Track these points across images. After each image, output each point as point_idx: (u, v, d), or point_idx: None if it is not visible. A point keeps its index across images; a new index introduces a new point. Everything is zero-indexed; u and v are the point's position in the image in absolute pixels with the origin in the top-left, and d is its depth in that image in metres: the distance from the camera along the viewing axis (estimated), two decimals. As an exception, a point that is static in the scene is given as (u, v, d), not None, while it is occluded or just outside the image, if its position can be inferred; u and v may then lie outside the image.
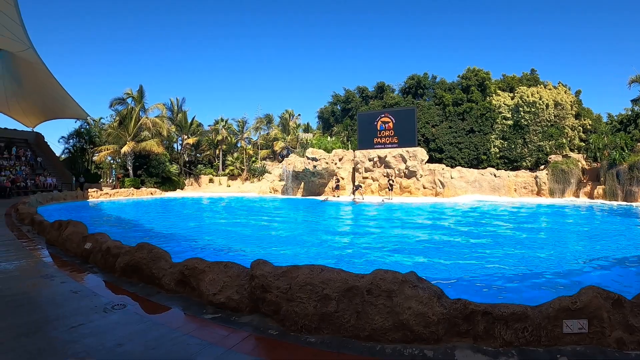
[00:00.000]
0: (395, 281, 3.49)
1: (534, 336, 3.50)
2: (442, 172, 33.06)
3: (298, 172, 33.19)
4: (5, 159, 30.93)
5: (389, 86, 40.48)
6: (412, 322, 3.37)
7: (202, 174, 40.89)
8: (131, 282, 4.92)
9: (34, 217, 11.30)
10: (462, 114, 37.34)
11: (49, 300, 4.46)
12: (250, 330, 3.53)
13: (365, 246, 11.13)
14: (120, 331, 3.47)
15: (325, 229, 14.80)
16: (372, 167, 33.75)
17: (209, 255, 4.63)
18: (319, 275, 3.60)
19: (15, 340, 3.30)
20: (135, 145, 35.93)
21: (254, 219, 17.48)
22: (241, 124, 45.49)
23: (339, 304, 3.49)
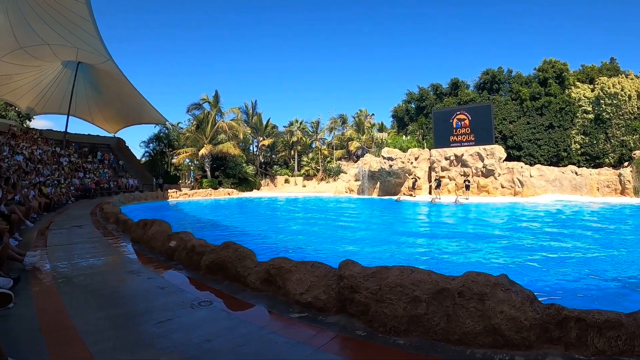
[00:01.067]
0: (488, 284, 3.35)
1: (628, 345, 3.25)
2: (520, 171, 32.08)
3: (374, 172, 33.85)
4: (90, 163, 34.06)
5: (463, 82, 40.57)
6: (503, 327, 3.21)
7: (277, 175, 42.79)
8: (216, 280, 5.03)
9: (119, 216, 11.70)
10: (540, 109, 36.69)
11: (138, 294, 4.54)
12: (337, 330, 3.50)
13: (441, 247, 10.91)
14: (207, 327, 3.52)
15: (401, 229, 14.60)
16: (449, 166, 33.43)
17: (287, 254, 5.22)
18: (409, 277, 3.54)
19: (111, 331, 3.38)
20: (213, 147, 38.16)
21: (330, 219, 17.60)
22: (315, 125, 47.36)
23: (429, 306, 3.40)
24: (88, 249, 7.93)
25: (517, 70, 39.09)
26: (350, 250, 9.82)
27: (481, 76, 38.81)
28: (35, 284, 5.05)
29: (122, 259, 7.00)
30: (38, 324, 3.57)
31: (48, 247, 8.05)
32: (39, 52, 29.54)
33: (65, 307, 4.08)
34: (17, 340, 3.15)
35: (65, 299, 4.35)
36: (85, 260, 6.69)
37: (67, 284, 4.98)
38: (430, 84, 41.14)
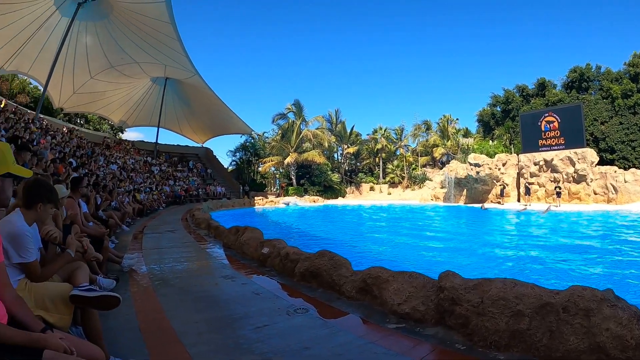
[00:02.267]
0: (594, 299, 3.14)
1: None
2: (614, 175, 30.56)
3: (460, 179, 34.46)
4: (179, 171, 37.28)
5: (550, 82, 40.60)
6: (608, 345, 2.98)
7: (362, 182, 45.15)
8: (309, 287, 5.17)
9: (210, 222, 12.37)
10: (632, 107, 35.51)
11: (234, 299, 4.72)
12: (435, 342, 3.47)
13: (531, 258, 10.63)
14: (305, 334, 3.55)
15: (489, 238, 14.62)
16: (538, 171, 32.78)
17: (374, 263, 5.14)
18: (512, 290, 3.41)
19: (209, 334, 3.52)
20: (298, 156, 40.39)
21: (416, 228, 17.86)
22: (399, 132, 49.55)
23: (532, 321, 3.23)
24: (182, 252, 8.42)
25: (607, 66, 38.31)
26: (437, 260, 9.97)
27: (569, 74, 38.98)
28: (133, 285, 5.42)
29: (215, 263, 7.41)
30: (137, 324, 3.78)
31: (143, 250, 8.60)
32: (129, 70, 32.83)
33: (163, 308, 4.32)
34: (117, 339, 3.32)
35: (162, 300, 4.64)
36: (179, 263, 7.15)
37: (163, 286, 5.33)
38: (516, 85, 41.89)
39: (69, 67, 29.48)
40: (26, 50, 26.30)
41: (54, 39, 25.89)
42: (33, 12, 23.81)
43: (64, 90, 32.00)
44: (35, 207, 2.77)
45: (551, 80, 39.09)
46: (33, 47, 26.34)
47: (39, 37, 25.90)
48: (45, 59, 26.65)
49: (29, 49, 26.26)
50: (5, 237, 2.43)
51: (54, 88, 30.12)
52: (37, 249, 2.82)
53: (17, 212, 2.76)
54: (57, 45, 24.97)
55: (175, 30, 25.58)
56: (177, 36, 26.34)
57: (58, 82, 29.92)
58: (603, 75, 36.25)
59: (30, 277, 2.72)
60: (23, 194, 2.81)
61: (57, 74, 27.15)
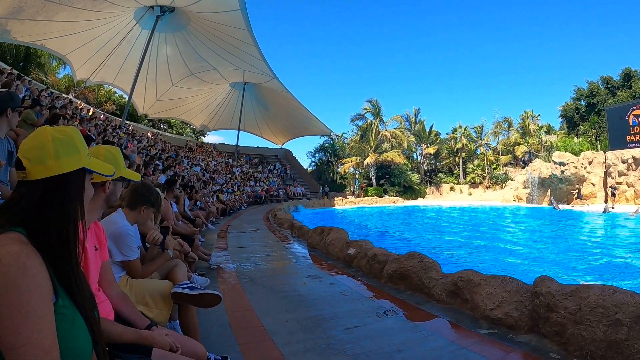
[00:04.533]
0: None
1: None
2: None
3: (544, 179, 34.52)
4: (260, 172, 40.13)
5: (636, 72, 40.03)
6: None
7: (442, 183, 47.51)
8: (397, 289, 5.35)
9: (293, 222, 13.02)
10: None
11: (322, 299, 4.92)
12: (528, 350, 3.43)
13: (619, 264, 10.43)
14: (396, 337, 3.66)
15: (573, 243, 14.42)
16: (626, 170, 31.55)
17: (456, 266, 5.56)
18: (611, 297, 3.26)
19: (300, 333, 3.69)
20: (377, 156, 42.21)
21: (499, 230, 18.11)
22: (479, 130, 51.95)
23: (630, 331, 3.07)
24: (267, 251, 8.93)
25: None
26: (519, 264, 10.11)
27: None
28: (222, 282, 5.75)
29: (301, 263, 7.70)
30: (228, 320, 4.02)
31: (228, 248, 9.07)
32: (208, 77, 35.70)
33: (252, 306, 4.60)
34: (209, 336, 3.51)
35: (251, 298, 4.94)
36: (265, 262, 7.61)
37: (251, 284, 5.67)
38: (600, 77, 42.55)
39: (152, 76, 33.34)
40: (110, 62, 29.69)
41: (136, 51, 29.26)
42: (115, 27, 26.62)
43: (148, 97, 36.11)
44: (139, 208, 3.01)
45: (638, 69, 40.72)
46: (116, 59, 29.71)
47: (122, 50, 29.19)
48: (128, 69, 30.34)
49: (112, 60, 29.62)
50: (109, 236, 2.58)
51: (138, 96, 34.11)
52: (137, 248, 3.06)
53: (119, 212, 2.97)
54: (139, 56, 28.49)
55: (252, 35, 27.70)
56: (254, 41, 28.51)
57: (142, 91, 33.86)
58: None
59: (132, 274, 2.95)
60: (129, 196, 3.04)
61: (140, 82, 30.97)
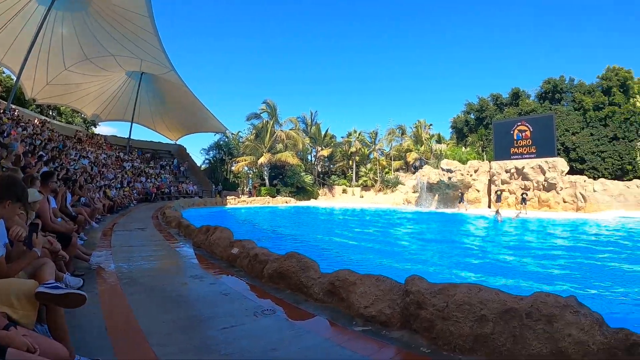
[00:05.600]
0: (557, 305, 3.30)
1: None
2: (583, 185, 33.16)
3: (432, 184, 36.84)
4: (152, 168, 39.28)
5: (523, 92, 45.07)
6: (570, 351, 3.11)
7: (335, 185, 49.19)
8: (277, 289, 5.56)
9: (181, 221, 13.01)
10: (604, 119, 39.68)
11: (202, 299, 5.03)
12: (400, 345, 3.62)
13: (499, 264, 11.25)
14: (272, 336, 3.79)
15: (456, 243, 15.37)
16: (509, 179, 35.42)
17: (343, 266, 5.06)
18: (477, 295, 3.54)
19: (177, 334, 3.75)
20: (271, 156, 42.90)
21: (387, 232, 18.82)
22: (373, 136, 54.85)
23: (496, 326, 3.35)
24: (151, 251, 8.98)
25: (580, 79, 43.38)
26: (406, 264, 10.47)
27: (542, 85, 44.01)
28: (101, 283, 5.70)
29: (185, 263, 7.93)
30: (104, 323, 4.01)
31: (112, 247, 9.09)
32: (104, 63, 35.09)
33: (130, 307, 4.60)
34: (84, 338, 3.50)
35: (130, 299, 4.94)
36: (148, 262, 7.65)
37: (131, 285, 5.67)
38: (490, 94, 47.03)
39: (44, 57, 32.00)
40: (0, 38, 28.02)
41: (30, 28, 27.81)
42: (9, 0, 26.38)
43: (38, 80, 34.86)
44: (4, 203, 2.83)
45: (525, 90, 48.59)
46: (8, 35, 28.20)
47: (15, 25, 27.69)
48: (19, 48, 28.87)
49: (3, 36, 28.01)
50: None
51: (27, 78, 32.95)
52: (2, 245, 2.92)
53: None
54: (33, 35, 27.07)
55: (153, 24, 27.89)
56: (154, 30, 28.69)
57: (32, 72, 32.56)
58: (576, 88, 42.97)
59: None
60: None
61: (31, 63, 29.75)
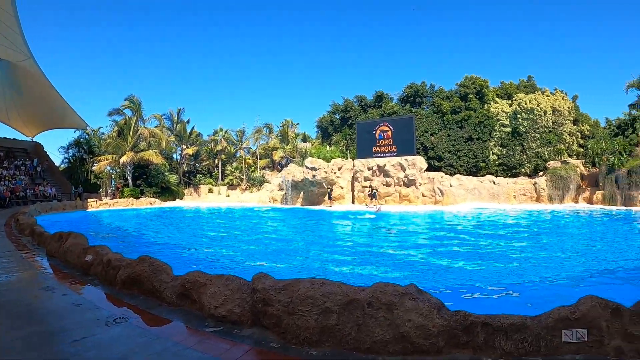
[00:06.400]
0: (396, 294, 3.49)
1: (534, 346, 3.50)
2: (441, 180, 36.19)
3: (297, 182, 38.22)
4: (5, 169, 36.60)
5: (387, 95, 47.75)
6: (412, 335, 3.33)
7: (201, 184, 48.71)
8: (132, 295, 5.57)
9: (34, 228, 12.43)
10: (460, 122, 43.11)
11: (52, 312, 4.93)
12: (251, 343, 3.72)
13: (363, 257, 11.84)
14: (123, 345, 3.80)
15: (323, 239, 16.17)
16: (371, 176, 37.17)
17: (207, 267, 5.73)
18: (319, 289, 3.64)
19: (26, 351, 3.67)
20: (134, 155, 41.46)
21: (253, 230, 19.41)
22: (240, 134, 55.70)
23: (340, 317, 3.49)
24: (0, 263, 8.56)
25: (440, 85, 47.37)
26: (270, 263, 10.86)
27: (405, 90, 47.39)
28: None
29: (37, 274, 7.56)
30: None
31: None
32: None
33: None
34: None
35: None
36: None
37: None
38: (355, 96, 49.85)
39: None
40: None
41: None
42: None
43: None
44: None
45: (389, 93, 52.35)
46: None
47: None
48: None
49: None
50: None
51: None
52: None
53: None
54: None
55: (14, 3, 25.13)
56: (14, 10, 25.70)
57: None
58: (436, 93, 47.05)
59: None
60: None
61: None
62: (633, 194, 32.22)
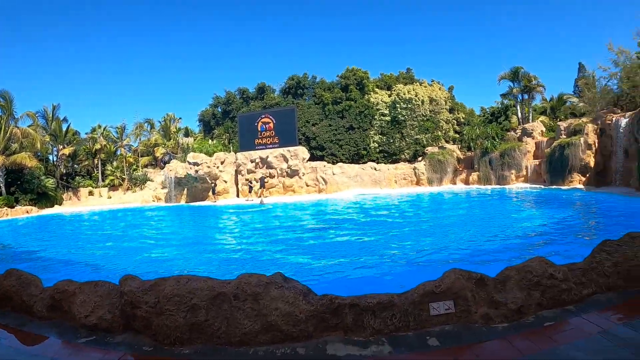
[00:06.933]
0: (260, 284, 3.58)
1: (403, 322, 3.69)
2: (323, 169, 38.29)
3: (180, 179, 38.65)
4: None
5: (269, 87, 49.55)
6: (280, 322, 3.40)
7: (81, 187, 46.50)
8: (3, 313, 5.20)
9: None
10: (341, 112, 45.40)
11: None
12: (124, 349, 3.66)
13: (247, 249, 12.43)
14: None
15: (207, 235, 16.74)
16: (255, 168, 38.54)
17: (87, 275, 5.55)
18: (185, 286, 3.64)
19: None
20: (5, 159, 38.61)
21: (136, 231, 19.31)
22: (120, 131, 53.21)
23: (209, 312, 3.51)
24: None
25: (322, 77, 49.70)
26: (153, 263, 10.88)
27: (287, 81, 49.07)
28: None
29: None
30: None
31: None
32: None
33: None
34: None
35: None
36: None
37: None
38: (238, 88, 51.06)
39: None
40: None
41: None
42: None
43: None
44: None
45: (271, 85, 52.17)
46: None
47: None
48: None
49: None
50: None
51: None
52: None
53: None
54: None
55: None
56: None
57: None
58: (317, 84, 50.48)
59: None
60: None
61: None
62: (506, 174, 38.23)
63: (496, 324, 3.83)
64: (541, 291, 4.32)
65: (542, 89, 44.60)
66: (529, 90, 43.74)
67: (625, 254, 4.92)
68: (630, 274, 4.84)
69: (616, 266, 4.87)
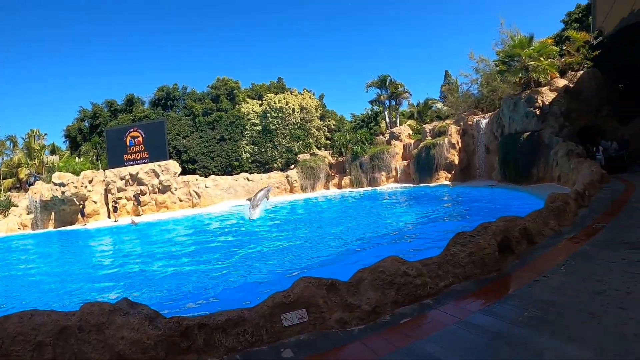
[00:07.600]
0: (103, 313, 3.44)
1: (256, 337, 3.71)
2: (196, 183, 39.43)
3: (46, 202, 36.95)
4: None
5: (138, 98, 49.08)
6: (128, 352, 3.29)
7: None
8: None
9: None
10: (212, 123, 47.02)
11: None
12: None
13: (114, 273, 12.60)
14: None
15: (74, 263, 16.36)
16: (125, 186, 38.04)
17: None
18: (29, 322, 3.41)
19: None
20: None
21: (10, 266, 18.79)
22: None
23: (56, 349, 3.32)
24: None
25: (192, 88, 50.50)
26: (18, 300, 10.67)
27: (156, 92, 49.15)
28: None
29: None
30: None
31: None
32: None
33: None
34: None
35: None
36: None
37: None
38: (105, 101, 49.64)
39: None
40: None
41: None
42: None
43: None
44: None
45: (140, 97, 51.32)
46: None
47: None
48: None
49: None
50: None
51: None
52: None
53: None
54: None
55: None
56: None
57: None
58: (188, 95, 51.26)
59: None
60: None
61: None
62: (376, 176, 41.78)
63: (352, 327, 4.03)
64: (396, 289, 4.59)
65: (409, 95, 49.31)
66: (396, 97, 48.13)
67: (478, 244, 5.61)
68: (485, 262, 5.55)
69: (470, 256, 5.52)
